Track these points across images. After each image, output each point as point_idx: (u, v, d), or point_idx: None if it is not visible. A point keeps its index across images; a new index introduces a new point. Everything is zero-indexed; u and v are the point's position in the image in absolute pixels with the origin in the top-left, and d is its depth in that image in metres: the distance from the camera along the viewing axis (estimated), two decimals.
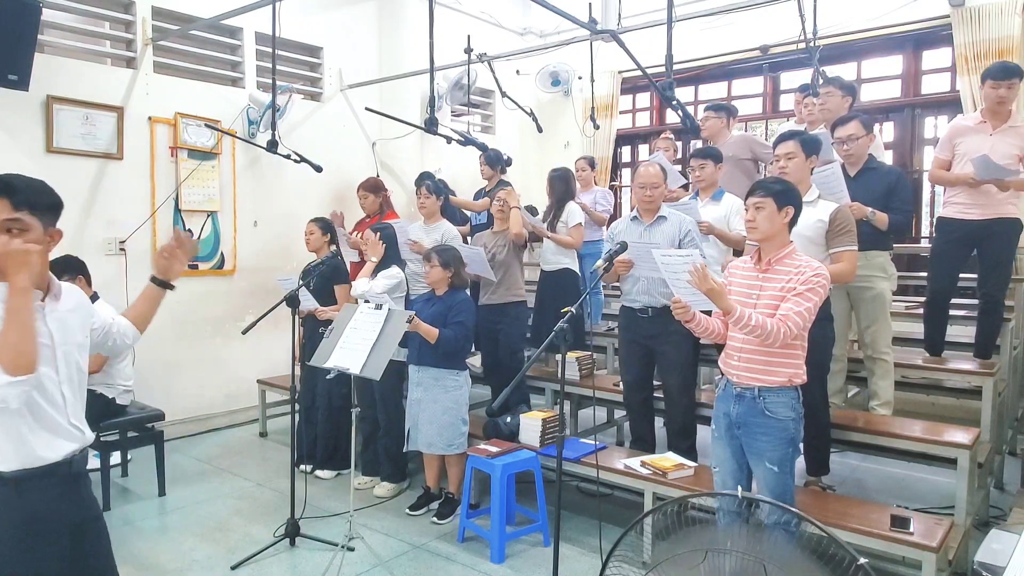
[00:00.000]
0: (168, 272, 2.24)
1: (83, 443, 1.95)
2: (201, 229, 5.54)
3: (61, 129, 4.77)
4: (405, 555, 3.55)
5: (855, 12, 5.97)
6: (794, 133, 3.44)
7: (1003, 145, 3.98)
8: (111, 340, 2.18)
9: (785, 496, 2.75)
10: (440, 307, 3.89)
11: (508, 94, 6.66)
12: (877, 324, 3.88)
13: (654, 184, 3.71)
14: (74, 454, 1.92)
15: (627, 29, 5.05)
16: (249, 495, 4.34)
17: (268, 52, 4.93)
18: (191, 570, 3.40)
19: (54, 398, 1.87)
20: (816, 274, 2.64)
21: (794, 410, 2.71)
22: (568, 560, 3.39)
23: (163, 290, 2.26)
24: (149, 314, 2.28)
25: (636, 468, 3.52)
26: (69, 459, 1.90)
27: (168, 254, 2.22)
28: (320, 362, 3.47)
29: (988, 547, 2.67)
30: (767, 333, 2.58)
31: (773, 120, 7.01)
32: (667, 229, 3.70)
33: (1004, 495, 4.14)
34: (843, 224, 3.20)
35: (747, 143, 4.82)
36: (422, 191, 4.89)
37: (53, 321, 1.90)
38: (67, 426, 1.90)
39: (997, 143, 3.99)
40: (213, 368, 5.60)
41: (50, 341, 1.87)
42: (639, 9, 6.12)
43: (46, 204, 1.87)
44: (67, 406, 1.91)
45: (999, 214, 4.03)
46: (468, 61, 5.64)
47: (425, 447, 3.91)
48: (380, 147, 6.74)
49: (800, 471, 3.46)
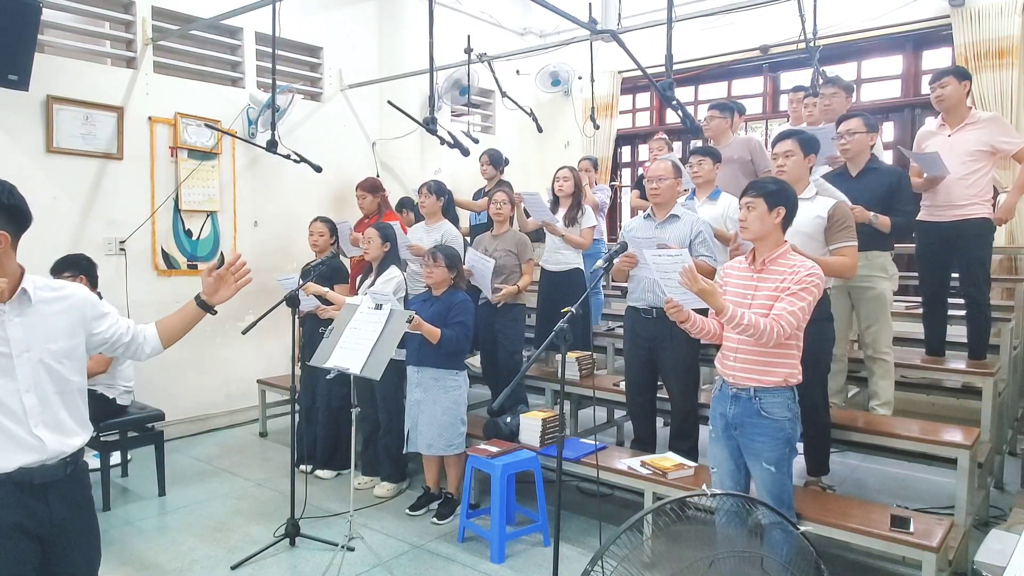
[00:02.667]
0: (214, 295, 2.17)
1: (43, 455, 1.82)
2: (201, 229, 5.55)
3: (61, 129, 4.77)
4: (405, 555, 3.55)
5: (855, 12, 5.97)
6: (792, 132, 3.43)
7: (960, 143, 4.08)
8: (121, 348, 2.09)
9: (783, 496, 2.76)
10: (439, 307, 3.89)
11: (508, 94, 6.66)
12: (878, 324, 3.88)
13: (660, 177, 3.70)
14: (31, 466, 1.81)
15: (627, 29, 5.05)
16: (249, 495, 4.34)
17: (268, 52, 4.93)
18: (191, 570, 3.40)
19: (10, 408, 1.78)
20: (810, 273, 2.64)
21: (790, 410, 2.71)
22: (568, 560, 3.38)
23: (203, 312, 2.17)
24: (181, 332, 2.19)
25: (636, 468, 3.52)
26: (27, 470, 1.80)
27: (218, 276, 2.13)
28: (320, 362, 3.47)
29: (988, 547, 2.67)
30: (760, 332, 2.57)
31: (773, 120, 7.01)
32: (679, 228, 3.68)
33: (1004, 495, 4.14)
34: (842, 220, 3.20)
35: (748, 147, 4.81)
36: (423, 190, 4.90)
37: (16, 327, 1.80)
38: (25, 436, 1.80)
39: (955, 143, 4.09)
40: (213, 368, 5.60)
41: (7, 348, 1.78)
42: (639, 9, 6.12)
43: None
44: (28, 416, 1.80)
45: (966, 215, 4.08)
46: (468, 61, 5.65)
47: (424, 448, 3.91)
48: (380, 147, 6.74)
49: (800, 471, 3.47)
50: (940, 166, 4.00)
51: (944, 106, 4.14)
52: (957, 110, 4.14)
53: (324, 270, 4.40)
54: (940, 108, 4.18)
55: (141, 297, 5.12)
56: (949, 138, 4.11)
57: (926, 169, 4.12)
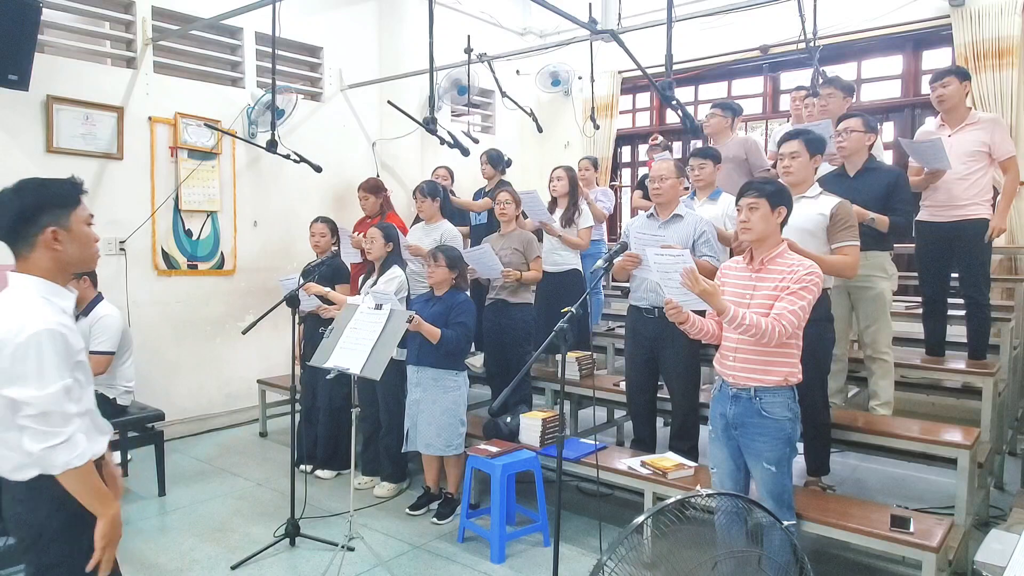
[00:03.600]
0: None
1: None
2: (201, 229, 5.55)
3: (61, 129, 4.77)
4: (405, 555, 3.55)
5: (855, 12, 5.97)
6: (799, 132, 3.43)
7: (961, 144, 4.08)
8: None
9: (784, 496, 2.76)
10: (440, 307, 3.89)
11: (508, 94, 6.67)
12: (877, 324, 3.88)
13: (662, 176, 3.70)
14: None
15: (627, 29, 5.05)
16: (249, 495, 4.34)
17: (268, 52, 4.93)
18: (191, 570, 3.40)
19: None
20: (809, 272, 2.64)
21: (790, 410, 2.71)
22: (568, 560, 3.39)
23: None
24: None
25: (636, 468, 3.52)
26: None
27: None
28: (320, 362, 3.47)
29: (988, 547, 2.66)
30: (761, 332, 2.58)
31: (773, 120, 7.01)
32: (682, 228, 3.68)
33: (1004, 495, 4.14)
34: (844, 219, 3.20)
35: (744, 147, 4.81)
36: (416, 195, 4.93)
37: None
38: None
39: (955, 143, 4.09)
40: (213, 368, 5.60)
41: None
42: (639, 9, 6.13)
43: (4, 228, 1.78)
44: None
45: (966, 216, 4.09)
46: (468, 61, 5.65)
47: (423, 448, 3.91)
48: (380, 147, 6.74)
49: (801, 471, 3.47)
50: (942, 156, 3.99)
51: (946, 106, 4.15)
52: (957, 110, 4.15)
53: (325, 270, 4.40)
54: (941, 108, 4.18)
55: (141, 297, 5.12)
56: (949, 138, 4.12)
57: (926, 162, 4.11)
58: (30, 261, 1.79)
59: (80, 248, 1.83)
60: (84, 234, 1.85)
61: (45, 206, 1.78)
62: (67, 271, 1.86)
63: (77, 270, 1.90)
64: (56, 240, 1.78)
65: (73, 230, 1.81)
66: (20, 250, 1.79)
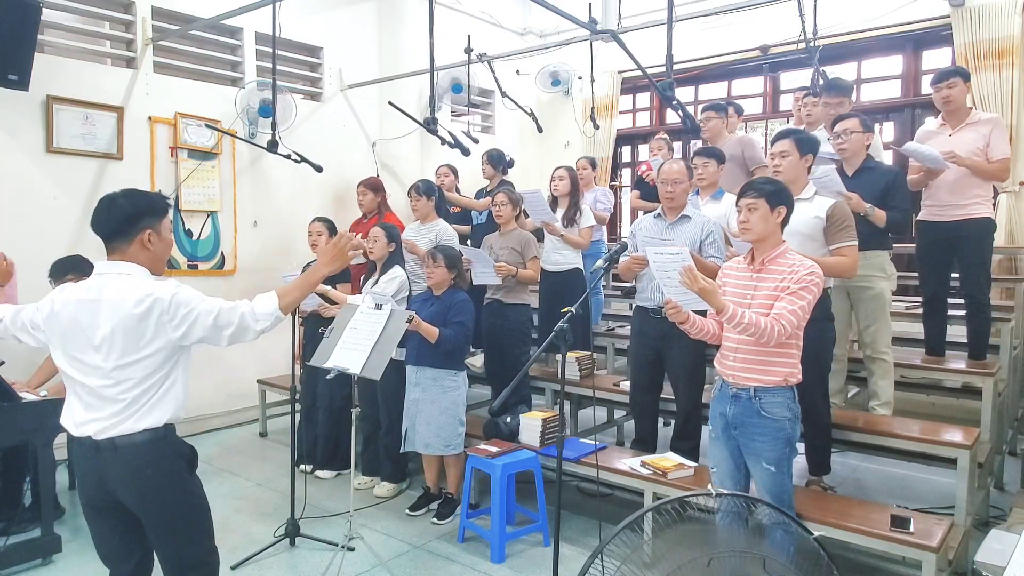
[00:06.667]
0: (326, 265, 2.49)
1: None
2: (201, 229, 5.55)
3: (61, 129, 4.77)
4: (405, 555, 3.55)
5: (855, 12, 5.97)
6: (790, 131, 3.43)
7: (962, 144, 4.07)
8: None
9: (783, 496, 2.75)
10: (439, 307, 3.89)
11: (508, 94, 6.66)
12: (877, 324, 3.88)
13: (675, 180, 3.68)
14: None
15: (627, 29, 5.05)
16: (249, 495, 4.34)
17: (268, 52, 4.92)
18: None
19: None
20: (809, 272, 2.64)
21: (790, 410, 2.71)
22: (568, 560, 3.38)
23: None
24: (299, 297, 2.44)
25: (636, 468, 3.52)
26: None
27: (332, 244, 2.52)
28: (320, 362, 3.46)
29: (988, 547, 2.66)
30: (761, 331, 2.57)
31: (773, 120, 7.01)
32: (689, 229, 3.66)
33: (1004, 495, 4.14)
34: (841, 220, 3.19)
35: (740, 144, 4.81)
36: (412, 193, 4.94)
37: None
38: None
39: (956, 143, 4.08)
40: (213, 368, 5.60)
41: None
42: (639, 9, 6.13)
43: (105, 233, 2.13)
44: None
45: (968, 215, 4.08)
46: (468, 61, 5.64)
47: (422, 448, 3.91)
48: (380, 147, 6.75)
49: (801, 471, 3.47)
50: (938, 160, 3.99)
51: (952, 107, 4.14)
52: (959, 111, 4.15)
53: None
54: (946, 108, 4.17)
55: None
56: (950, 138, 4.11)
57: (925, 163, 4.09)
58: (127, 255, 2.14)
59: (164, 249, 2.24)
60: (168, 239, 2.27)
61: (147, 211, 2.17)
62: (154, 268, 2.20)
63: (159, 268, 2.23)
64: (150, 240, 2.16)
65: (162, 234, 2.21)
66: (119, 245, 2.13)
